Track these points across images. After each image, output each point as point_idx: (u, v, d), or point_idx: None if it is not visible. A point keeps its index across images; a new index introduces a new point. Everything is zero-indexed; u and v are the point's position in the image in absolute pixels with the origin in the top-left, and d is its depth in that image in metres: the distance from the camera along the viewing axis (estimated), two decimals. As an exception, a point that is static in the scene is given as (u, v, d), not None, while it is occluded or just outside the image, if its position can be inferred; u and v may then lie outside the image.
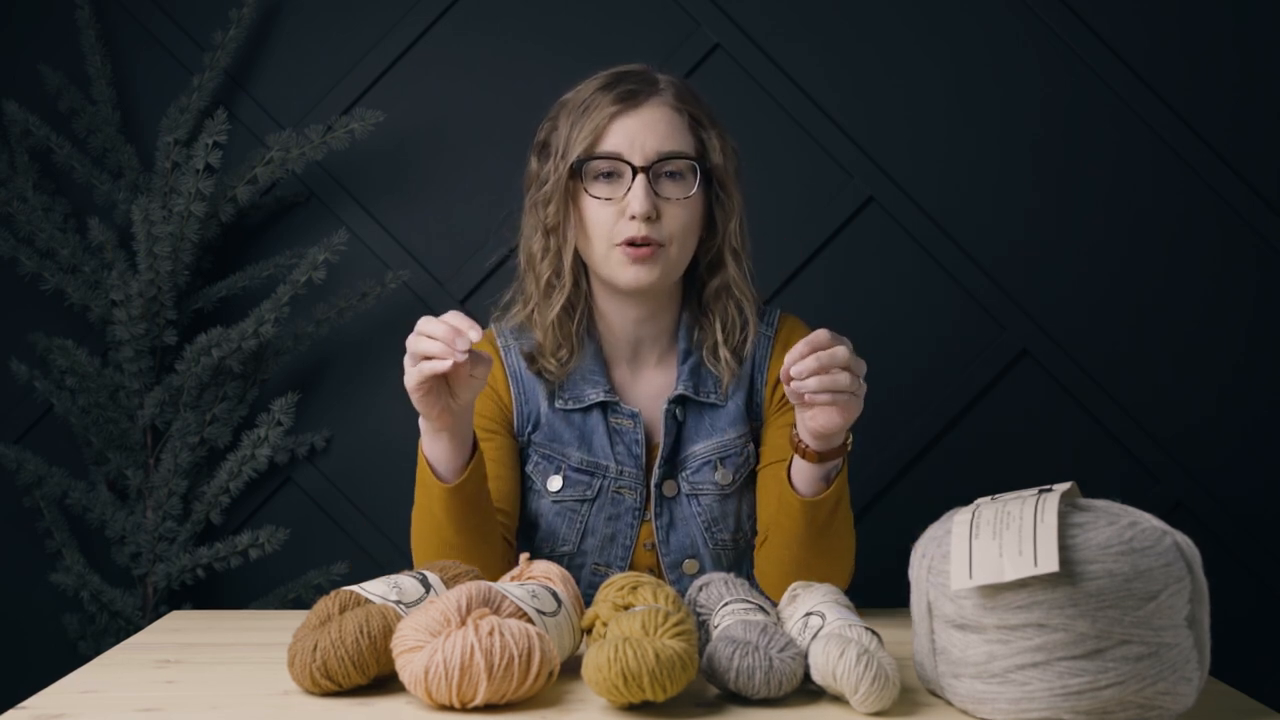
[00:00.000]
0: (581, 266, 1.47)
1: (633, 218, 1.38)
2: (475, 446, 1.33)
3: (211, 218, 2.16)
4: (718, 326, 1.47)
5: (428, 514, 1.33)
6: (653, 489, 1.45)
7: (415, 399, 1.25)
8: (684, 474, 1.46)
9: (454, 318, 1.21)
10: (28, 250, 2.16)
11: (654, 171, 1.39)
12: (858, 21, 2.24)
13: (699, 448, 1.46)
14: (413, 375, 1.23)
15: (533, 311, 1.46)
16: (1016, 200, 2.23)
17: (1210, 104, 2.22)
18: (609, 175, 1.41)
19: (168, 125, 2.16)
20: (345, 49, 2.27)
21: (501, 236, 2.18)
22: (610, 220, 1.40)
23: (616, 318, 1.47)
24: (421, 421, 1.30)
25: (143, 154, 2.24)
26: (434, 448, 1.30)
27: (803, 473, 1.32)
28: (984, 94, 2.23)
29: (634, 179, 1.38)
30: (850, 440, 1.33)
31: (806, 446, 1.30)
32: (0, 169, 2.17)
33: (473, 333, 1.20)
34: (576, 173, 1.41)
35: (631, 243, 1.38)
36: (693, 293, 1.50)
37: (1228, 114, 2.22)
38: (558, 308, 1.44)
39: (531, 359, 1.46)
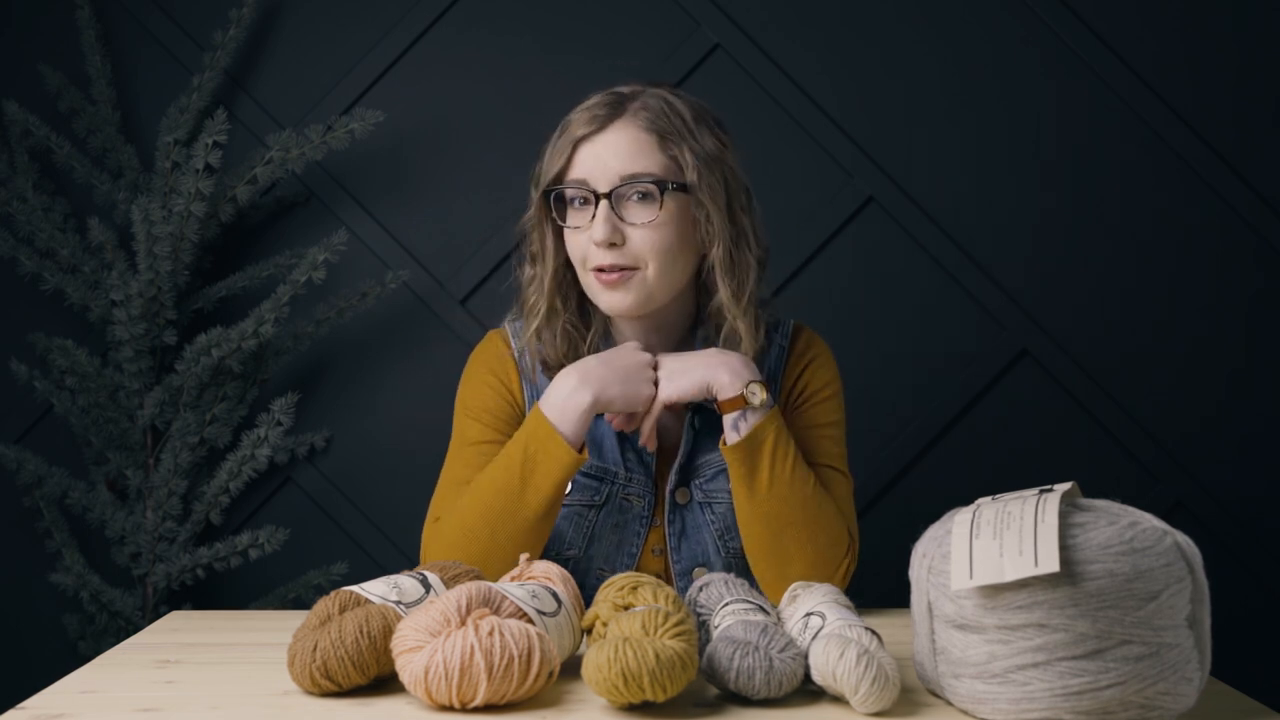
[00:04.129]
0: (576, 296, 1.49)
1: (597, 244, 1.38)
2: None
3: (211, 218, 2.16)
4: (721, 343, 1.46)
5: (530, 493, 1.35)
6: (666, 495, 1.45)
7: (648, 403, 1.40)
8: (698, 481, 1.46)
9: None
10: (28, 250, 2.16)
11: (617, 194, 1.37)
12: (858, 21, 2.24)
13: (714, 456, 1.46)
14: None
15: (538, 331, 1.47)
16: (1016, 200, 2.23)
17: (1211, 104, 2.22)
18: (584, 201, 1.40)
19: (168, 125, 2.16)
20: (345, 49, 2.27)
21: (502, 239, 2.21)
22: (583, 247, 1.40)
23: (629, 332, 1.48)
24: (574, 402, 1.36)
25: (143, 154, 2.24)
26: (582, 424, 1.36)
27: (725, 427, 1.39)
28: (984, 94, 2.23)
29: (597, 205, 1.38)
30: (753, 394, 1.36)
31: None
32: (0, 169, 2.17)
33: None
34: (549, 200, 1.42)
35: (600, 269, 1.39)
36: (706, 305, 1.49)
37: (1228, 114, 2.22)
38: (534, 327, 1.46)
39: (546, 364, 1.47)
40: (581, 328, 1.47)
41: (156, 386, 2.15)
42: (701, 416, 1.47)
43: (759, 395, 1.36)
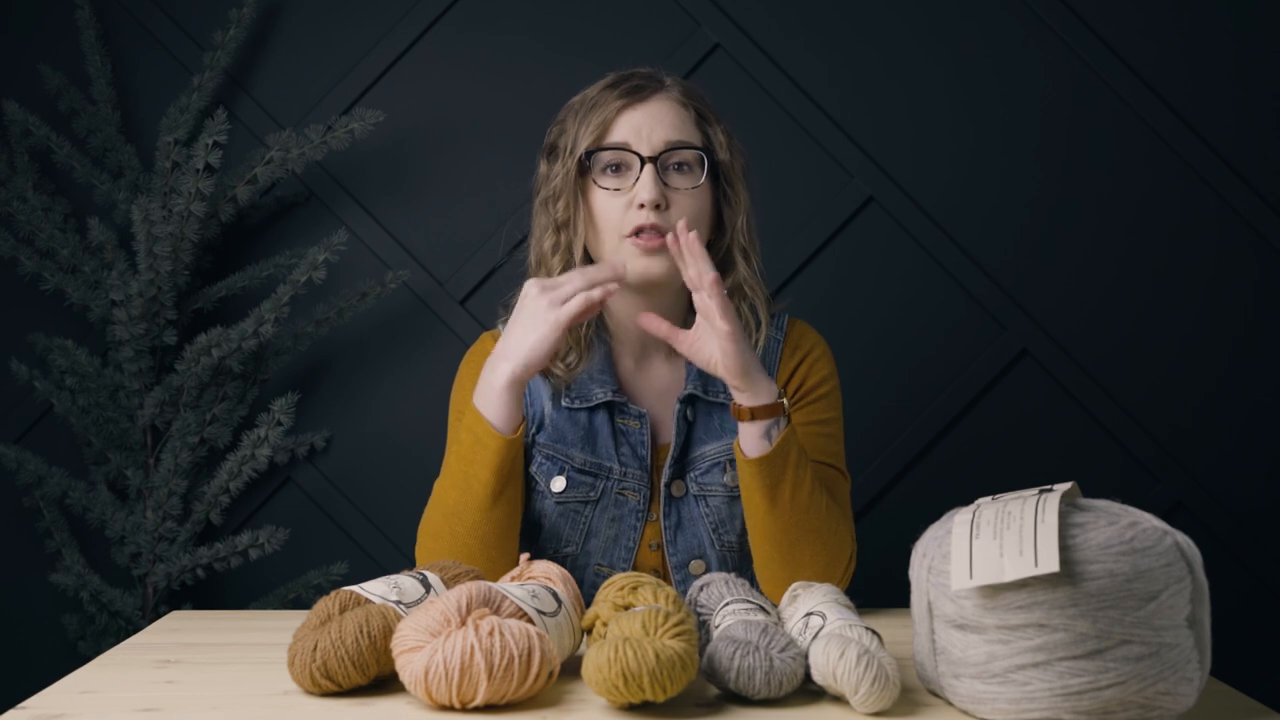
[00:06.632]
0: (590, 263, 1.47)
1: (641, 206, 1.39)
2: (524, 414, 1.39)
3: (211, 218, 2.16)
4: None
5: (470, 482, 1.35)
6: (661, 488, 1.45)
7: (562, 327, 1.31)
8: (692, 475, 1.45)
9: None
10: (28, 250, 2.16)
11: (661, 162, 1.40)
12: (858, 21, 2.24)
13: (708, 449, 1.46)
14: (575, 305, 1.31)
15: None
16: (1017, 200, 2.23)
17: (1210, 104, 2.22)
18: (617, 168, 1.42)
19: (168, 125, 2.16)
20: (345, 49, 2.27)
21: (503, 237, 2.21)
22: (619, 211, 1.40)
23: (624, 315, 1.47)
24: (504, 376, 1.33)
25: (143, 154, 2.24)
26: (503, 403, 1.33)
27: (743, 435, 1.34)
28: (984, 93, 2.23)
29: (642, 169, 1.39)
30: (786, 404, 1.34)
31: (739, 405, 1.33)
32: (0, 169, 2.17)
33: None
34: (585, 167, 1.42)
35: (640, 230, 1.39)
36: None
37: (1228, 114, 2.22)
38: None
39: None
40: None
41: (156, 386, 2.15)
42: (694, 409, 1.47)
43: (788, 407, 1.35)
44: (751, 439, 1.34)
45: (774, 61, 2.23)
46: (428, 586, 1.12)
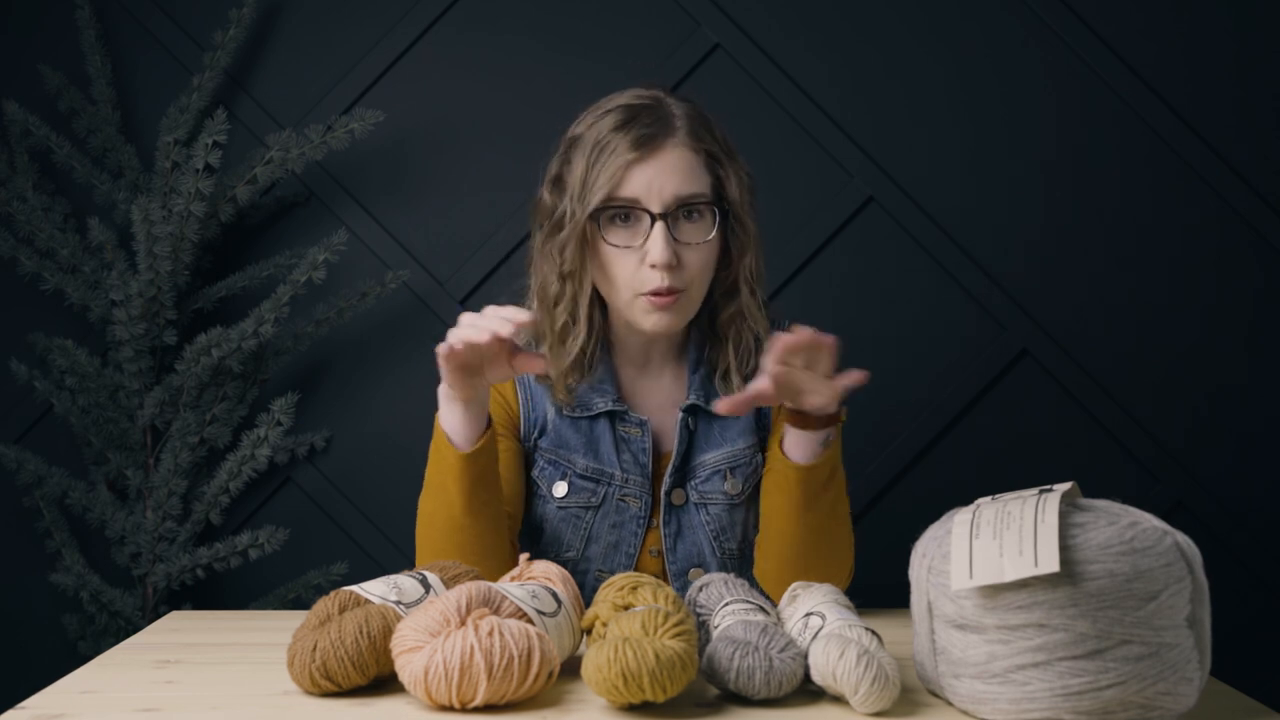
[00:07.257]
0: (598, 302, 1.45)
1: (653, 266, 1.36)
2: (489, 423, 1.34)
3: (211, 218, 2.16)
4: (730, 350, 1.45)
5: (439, 491, 1.34)
6: (661, 497, 1.45)
7: (446, 367, 1.25)
8: (693, 483, 1.45)
9: (495, 311, 1.22)
10: (28, 250, 2.16)
11: (672, 216, 1.37)
12: (858, 21, 2.24)
13: (709, 457, 1.45)
14: (454, 338, 1.23)
15: (547, 351, 1.44)
16: (1017, 200, 2.23)
17: (1211, 104, 2.22)
18: (626, 217, 1.38)
19: (168, 125, 2.16)
20: (345, 49, 2.27)
21: (502, 239, 2.21)
22: (632, 269, 1.37)
23: (629, 338, 1.47)
24: (442, 392, 1.31)
25: (143, 154, 2.24)
26: (452, 417, 1.31)
27: (796, 441, 1.34)
28: (984, 93, 2.23)
29: (653, 226, 1.36)
30: (844, 412, 1.33)
31: (796, 411, 1.32)
32: (0, 169, 2.17)
33: (519, 318, 1.20)
34: (594, 219, 1.38)
35: (656, 293, 1.37)
36: (705, 311, 1.48)
37: (1228, 114, 2.22)
38: (575, 353, 1.42)
39: (544, 374, 1.45)
40: (586, 344, 1.45)
41: (156, 386, 2.15)
42: (696, 418, 1.47)
43: (842, 415, 1.35)
44: (812, 442, 1.33)
45: (774, 61, 2.23)
46: (427, 587, 1.12)
